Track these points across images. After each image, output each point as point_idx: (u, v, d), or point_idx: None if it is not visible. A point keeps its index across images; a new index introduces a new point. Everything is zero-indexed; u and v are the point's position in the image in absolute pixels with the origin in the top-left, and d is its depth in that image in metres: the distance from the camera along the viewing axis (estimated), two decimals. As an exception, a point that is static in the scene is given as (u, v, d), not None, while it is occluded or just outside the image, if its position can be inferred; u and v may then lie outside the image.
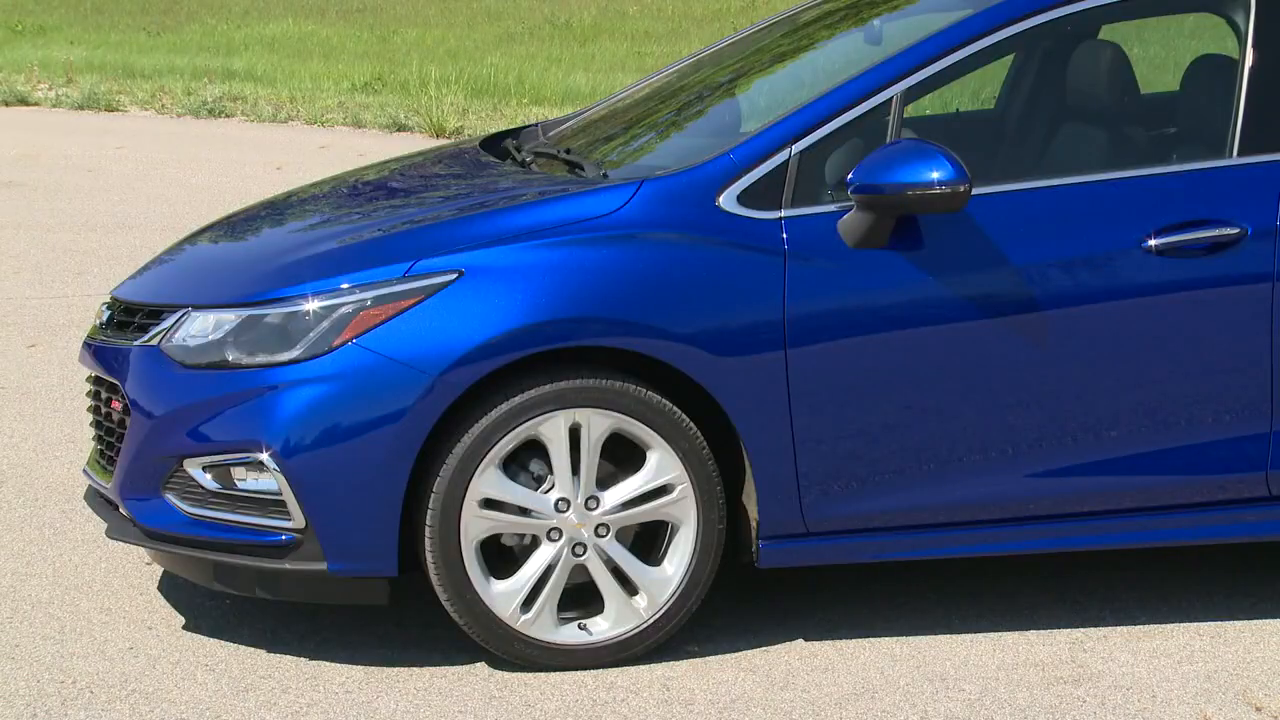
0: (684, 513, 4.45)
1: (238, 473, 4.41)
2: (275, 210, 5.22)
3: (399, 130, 13.02)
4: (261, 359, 4.38)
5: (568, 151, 5.03)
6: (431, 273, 4.36)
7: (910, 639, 4.62)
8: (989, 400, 4.47)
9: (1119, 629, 4.66)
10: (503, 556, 4.46)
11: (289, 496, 4.35)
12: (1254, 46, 4.59)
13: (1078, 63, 5.04)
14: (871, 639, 4.62)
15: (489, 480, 4.37)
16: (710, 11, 18.87)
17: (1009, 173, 4.89)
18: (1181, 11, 5.12)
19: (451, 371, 4.29)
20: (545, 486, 4.42)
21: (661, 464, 4.42)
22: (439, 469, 4.34)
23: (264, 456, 4.34)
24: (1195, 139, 4.83)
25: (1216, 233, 4.47)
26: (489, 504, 4.39)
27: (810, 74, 5.11)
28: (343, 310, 4.35)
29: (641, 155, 4.98)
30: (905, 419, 4.46)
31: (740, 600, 4.82)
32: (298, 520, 4.37)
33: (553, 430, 4.37)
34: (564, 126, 5.48)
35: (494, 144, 5.42)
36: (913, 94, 4.57)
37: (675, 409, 4.39)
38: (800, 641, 4.62)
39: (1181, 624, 4.68)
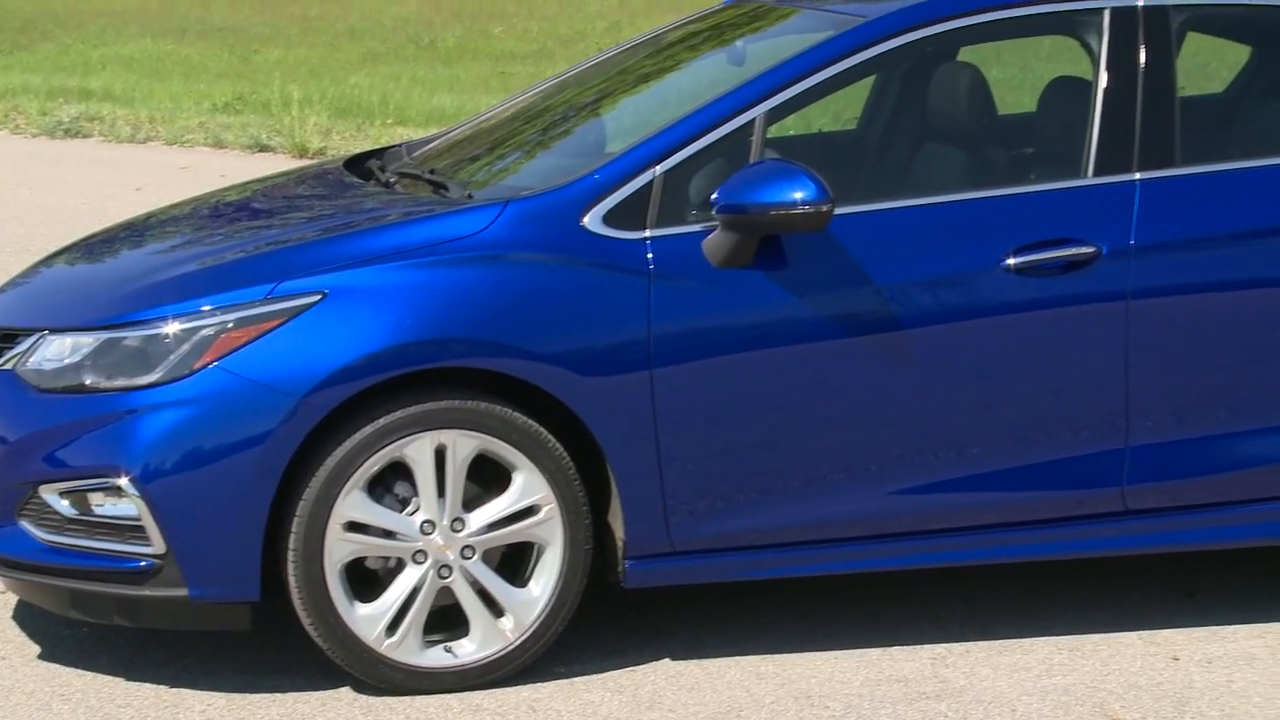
0: (550, 533, 4.44)
1: (96, 498, 4.34)
2: (134, 232, 5.15)
3: (261, 151, 12.89)
4: (120, 382, 4.31)
5: (432, 172, 5.01)
6: (294, 294, 4.32)
7: (776, 657, 4.64)
8: (853, 418, 4.51)
9: (980, 644, 4.72)
10: (367, 579, 4.43)
11: (149, 522, 4.29)
12: (1107, 69, 4.68)
13: (937, 84, 5.11)
14: (738, 658, 4.64)
15: (353, 503, 4.33)
16: (575, 32, 18.90)
17: (871, 192, 4.94)
18: (1038, 34, 5.20)
19: (315, 394, 4.25)
20: (410, 509, 4.39)
21: (527, 485, 4.40)
22: (303, 492, 4.30)
23: (123, 481, 4.27)
24: (1052, 159, 4.92)
25: (1073, 251, 4.55)
26: (353, 527, 4.35)
27: (675, 95, 5.14)
28: (204, 333, 4.30)
29: (506, 176, 4.97)
30: (771, 438, 4.48)
31: (607, 620, 4.82)
32: (158, 545, 4.30)
33: (418, 452, 4.34)
34: (429, 147, 5.46)
35: (358, 164, 5.39)
36: (776, 114, 4.60)
37: (541, 429, 4.38)
38: (667, 661, 4.63)
39: (1041, 638, 4.74)
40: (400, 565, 4.41)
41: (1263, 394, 4.64)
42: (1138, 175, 4.61)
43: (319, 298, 4.31)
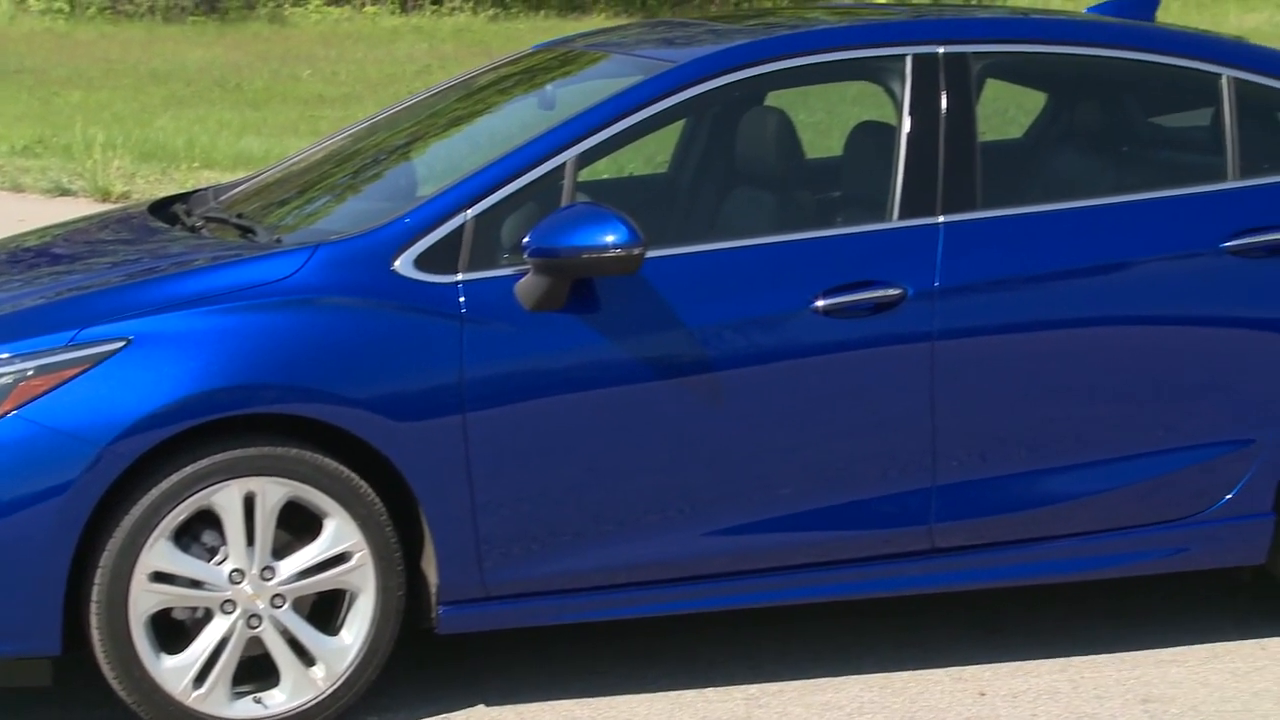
0: (362, 580, 4.38)
1: (-114, 552, 4.19)
2: (-72, 276, 5.00)
3: (62, 195, 12.61)
4: (-86, 432, 4.19)
5: (240, 216, 4.95)
6: (97, 341, 4.23)
7: (590, 700, 4.63)
8: (666, 460, 4.53)
9: (793, 683, 4.75)
10: (174, 630, 4.33)
11: (-56, 575, 4.16)
12: (910, 114, 4.77)
13: (745, 128, 5.17)
14: (552, 702, 4.62)
15: (159, 553, 4.24)
16: (385, 75, 18.79)
17: (682, 235, 4.98)
18: (843, 79, 5.29)
19: (119, 442, 4.16)
20: (219, 558, 4.31)
21: (339, 531, 4.35)
22: (106, 542, 4.20)
23: (-84, 534, 4.14)
24: (858, 202, 4.99)
25: (880, 293, 4.62)
26: (159, 577, 4.26)
27: (486, 138, 5.13)
28: (1, 381, 4.19)
29: (316, 219, 4.93)
30: (585, 480, 4.48)
31: (422, 666, 4.77)
32: (-46, 600, 4.17)
33: (226, 500, 4.27)
34: (236, 191, 5.38)
35: (163, 209, 5.30)
36: (587, 158, 4.62)
37: (352, 475, 4.34)
38: (481, 707, 4.59)
39: (852, 676, 4.79)
40: (208, 615, 4.32)
41: (1064, 432, 4.75)
42: (941, 218, 4.70)
43: (123, 344, 4.23)
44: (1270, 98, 4.99)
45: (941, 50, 4.80)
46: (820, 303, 4.58)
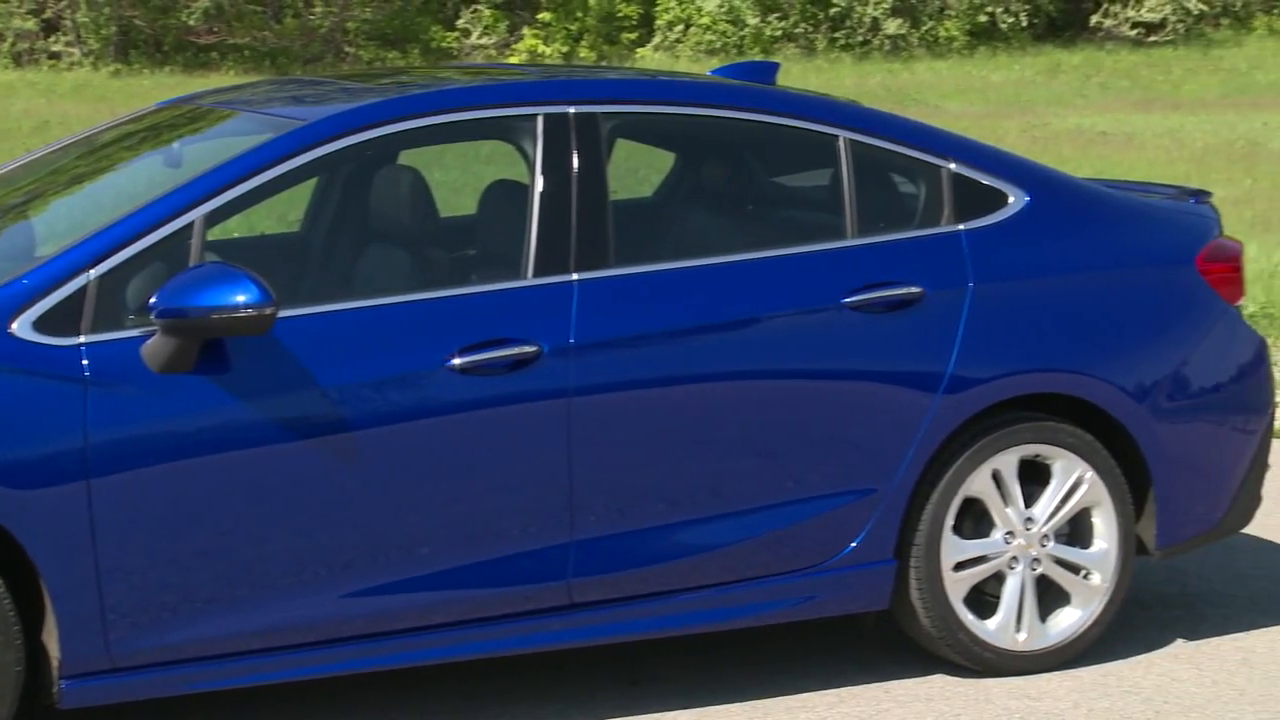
0: (-21, 658, 4.19)
1: None
2: None
3: None
4: None
5: None
6: None
7: (227, 772, 4.51)
8: (301, 523, 4.45)
9: (436, 744, 4.72)
10: None
11: None
12: (543, 173, 4.82)
13: (379, 187, 5.15)
14: (187, 776, 4.48)
15: None
16: (-1, 131, 18.13)
17: (315, 294, 4.92)
18: (476, 139, 5.32)
19: None
20: None
21: (-47, 607, 4.15)
22: None
23: None
24: (494, 260, 5.01)
25: (516, 351, 4.64)
26: None
27: (110, 197, 4.99)
28: None
29: (-74, 281, 4.70)
30: (218, 545, 4.38)
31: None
32: None
33: None
34: None
35: None
36: (215, 217, 4.53)
37: (-33, 547, 4.14)
38: (111, 785, 4.42)
39: (495, 734, 4.79)
40: None
41: (697, 485, 4.84)
42: (575, 276, 4.75)
43: None
44: (884, 158, 5.20)
45: (572, 110, 4.87)
46: (457, 361, 4.58)
